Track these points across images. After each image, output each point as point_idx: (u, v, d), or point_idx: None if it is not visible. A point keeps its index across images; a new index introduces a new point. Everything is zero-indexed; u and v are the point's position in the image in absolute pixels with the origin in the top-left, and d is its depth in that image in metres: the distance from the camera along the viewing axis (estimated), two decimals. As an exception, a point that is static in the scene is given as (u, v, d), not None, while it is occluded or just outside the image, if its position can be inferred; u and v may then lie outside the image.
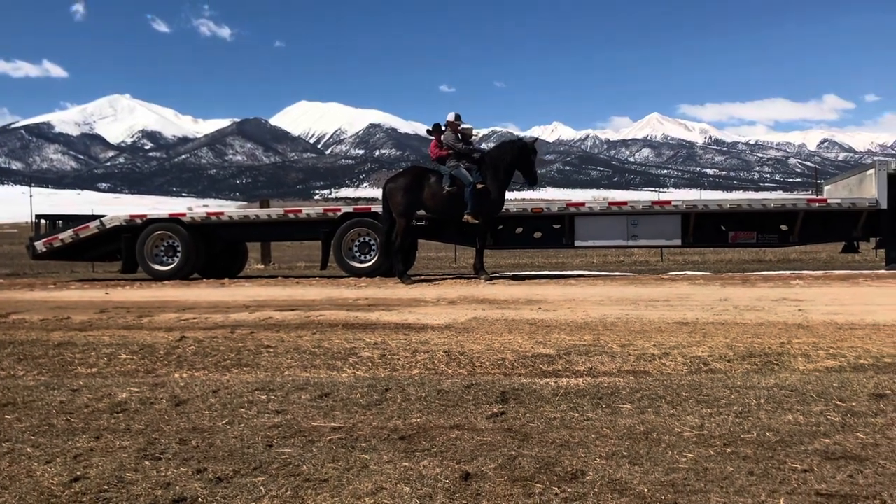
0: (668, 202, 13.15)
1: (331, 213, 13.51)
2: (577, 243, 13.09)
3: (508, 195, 12.60)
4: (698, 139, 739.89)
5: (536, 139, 12.38)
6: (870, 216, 12.47)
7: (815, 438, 3.12)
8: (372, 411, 3.72)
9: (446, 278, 12.52)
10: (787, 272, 13.45)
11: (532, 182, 12.18)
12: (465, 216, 11.69)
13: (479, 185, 11.64)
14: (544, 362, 4.95)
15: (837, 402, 3.69)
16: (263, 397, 4.06)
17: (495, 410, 3.68)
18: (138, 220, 13.87)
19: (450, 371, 4.77)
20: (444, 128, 12.39)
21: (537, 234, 13.31)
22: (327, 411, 3.74)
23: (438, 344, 5.65)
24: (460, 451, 3.03)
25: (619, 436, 3.22)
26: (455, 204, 11.80)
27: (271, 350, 5.56)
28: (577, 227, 12.95)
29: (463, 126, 12.32)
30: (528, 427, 3.38)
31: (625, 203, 13.16)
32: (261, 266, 20.08)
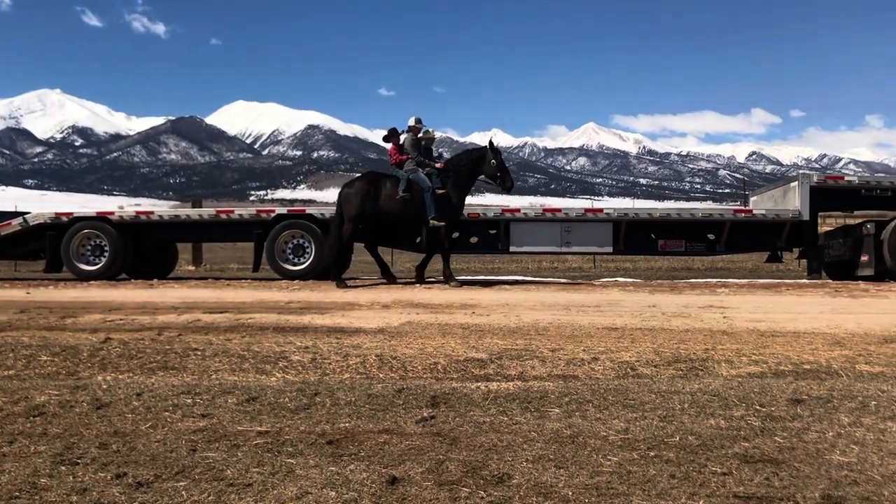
0: (601, 210, 13.38)
1: (264, 215, 13.36)
2: (512, 249, 13.21)
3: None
4: (632, 149, 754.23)
5: (491, 140, 12.17)
6: (793, 227, 12.90)
7: (735, 442, 3.20)
8: (300, 416, 3.68)
9: (381, 282, 12.47)
10: (714, 280, 13.84)
11: (505, 187, 11.94)
12: (430, 220, 11.56)
13: (439, 191, 11.58)
14: (476, 366, 4.97)
15: (758, 407, 3.79)
16: (189, 401, 3.98)
17: (425, 415, 3.67)
18: (64, 219, 13.49)
19: (381, 375, 4.75)
20: (402, 132, 12.27)
21: (473, 239, 13.39)
22: (254, 415, 3.68)
23: (371, 348, 5.62)
24: (388, 456, 3.02)
25: (546, 439, 3.25)
26: (410, 209, 11.71)
27: (199, 353, 5.45)
28: (512, 233, 13.06)
29: (424, 130, 12.23)
30: (458, 431, 3.39)
31: (559, 210, 13.35)
32: (192, 267, 19.71)
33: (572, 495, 2.57)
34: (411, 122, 12.24)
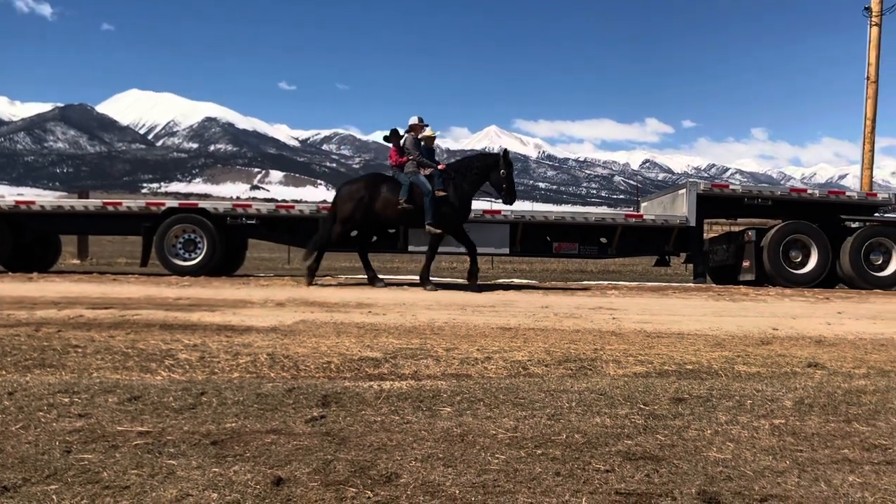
0: (498, 212, 13.55)
1: (154, 208, 12.93)
2: (410, 248, 13.24)
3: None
4: (532, 153, 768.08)
5: (506, 150, 11.78)
6: (680, 232, 13.42)
7: (619, 440, 3.28)
8: (184, 415, 3.56)
9: (277, 280, 12.26)
10: (605, 283, 14.25)
11: (507, 200, 11.69)
12: (427, 226, 11.16)
13: (440, 193, 11.14)
14: (370, 365, 4.94)
15: (642, 406, 3.91)
16: (66, 400, 3.79)
17: (315, 414, 3.61)
18: (-66, 207, 12.68)
19: (272, 374, 4.66)
20: (403, 133, 11.79)
21: (373, 239, 13.33)
22: (135, 415, 3.54)
23: (262, 347, 5.50)
24: (274, 456, 2.95)
25: (436, 438, 3.25)
26: (410, 216, 11.34)
27: (80, 350, 5.20)
28: (410, 233, 13.08)
29: (426, 132, 11.79)
30: (347, 431, 3.35)
31: (458, 211, 13.42)
32: (77, 261, 18.89)
33: (459, 493, 2.58)
34: (413, 120, 11.76)
